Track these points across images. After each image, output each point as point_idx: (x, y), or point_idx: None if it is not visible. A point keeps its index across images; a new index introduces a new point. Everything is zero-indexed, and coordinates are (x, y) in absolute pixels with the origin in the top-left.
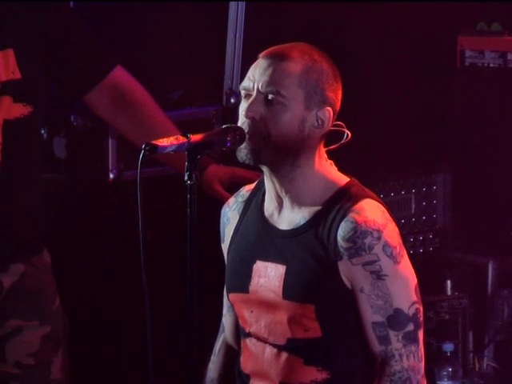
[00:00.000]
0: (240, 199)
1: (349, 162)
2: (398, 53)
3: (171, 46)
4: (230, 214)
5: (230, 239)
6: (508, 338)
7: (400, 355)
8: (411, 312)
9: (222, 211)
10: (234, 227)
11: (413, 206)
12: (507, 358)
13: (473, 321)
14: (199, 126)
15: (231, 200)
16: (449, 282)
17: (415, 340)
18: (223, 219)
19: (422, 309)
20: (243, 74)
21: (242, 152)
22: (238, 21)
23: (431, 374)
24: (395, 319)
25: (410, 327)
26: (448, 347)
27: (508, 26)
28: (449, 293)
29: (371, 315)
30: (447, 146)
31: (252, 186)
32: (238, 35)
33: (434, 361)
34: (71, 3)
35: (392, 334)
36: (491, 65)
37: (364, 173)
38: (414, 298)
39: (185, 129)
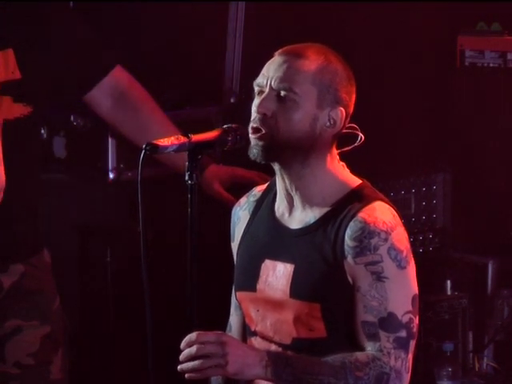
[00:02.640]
0: (252, 199)
1: (349, 162)
2: (398, 53)
3: (171, 46)
4: (241, 214)
5: (239, 238)
6: (508, 338)
7: (388, 353)
8: (405, 320)
9: (233, 210)
10: (244, 226)
11: (412, 205)
12: (507, 358)
13: (473, 321)
14: (199, 126)
15: (243, 200)
16: (449, 281)
17: (406, 348)
18: (234, 218)
19: (417, 321)
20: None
21: (254, 149)
22: (238, 21)
23: (431, 374)
24: (387, 322)
25: (403, 333)
26: (448, 347)
27: (508, 26)
28: (449, 293)
29: (362, 314)
30: (447, 145)
31: (264, 186)
32: (237, 35)
33: (434, 361)
34: (71, 3)
35: (382, 334)
36: (491, 65)
37: (364, 172)
38: (410, 307)
39: (185, 129)
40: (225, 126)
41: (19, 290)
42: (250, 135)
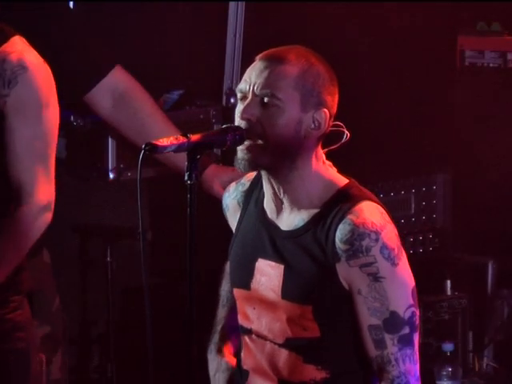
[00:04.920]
0: (240, 188)
1: (349, 162)
2: (398, 53)
3: (171, 46)
4: (229, 202)
5: (234, 231)
6: (508, 338)
7: (396, 359)
8: (407, 315)
9: (223, 196)
10: (236, 221)
11: (412, 205)
12: (507, 358)
13: (473, 321)
14: (199, 126)
15: (232, 186)
16: (448, 282)
17: (410, 343)
18: (223, 204)
19: (418, 312)
20: (243, 74)
21: (241, 164)
22: (238, 21)
23: (431, 374)
24: (391, 322)
25: (406, 330)
26: (448, 347)
27: (508, 26)
28: (448, 293)
29: (368, 318)
30: (447, 145)
31: (253, 174)
32: (237, 35)
33: (434, 361)
34: (71, 3)
35: (388, 337)
36: (491, 65)
37: (364, 172)
38: (411, 301)
39: (185, 129)
40: (224, 126)
41: None
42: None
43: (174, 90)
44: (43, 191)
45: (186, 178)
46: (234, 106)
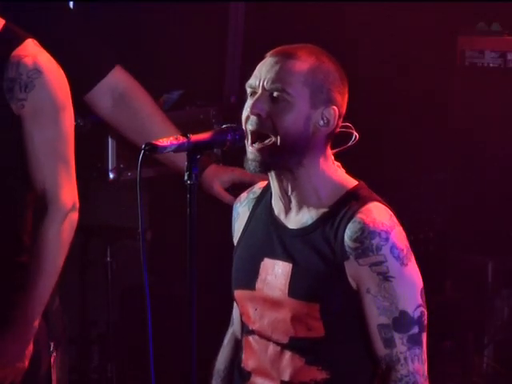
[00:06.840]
0: (252, 196)
1: (349, 162)
2: (398, 53)
3: (171, 46)
4: (240, 210)
5: (239, 236)
6: (508, 338)
7: (405, 359)
8: (416, 315)
9: (234, 206)
10: (243, 224)
11: (413, 205)
12: (507, 358)
13: (473, 321)
14: (199, 126)
15: (243, 195)
16: (449, 282)
17: (419, 343)
18: (234, 214)
19: (426, 312)
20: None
21: (251, 164)
22: (238, 21)
23: (431, 374)
24: (400, 321)
25: (415, 330)
26: (448, 347)
27: (508, 26)
28: (448, 293)
29: (377, 317)
30: (447, 145)
31: (265, 183)
32: (237, 35)
33: (434, 361)
34: (71, 3)
35: (397, 336)
36: (491, 65)
37: (364, 172)
38: (420, 301)
39: (185, 129)
40: (224, 126)
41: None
42: (250, 144)
43: (173, 90)
44: (67, 193)
45: (185, 178)
46: (234, 105)
